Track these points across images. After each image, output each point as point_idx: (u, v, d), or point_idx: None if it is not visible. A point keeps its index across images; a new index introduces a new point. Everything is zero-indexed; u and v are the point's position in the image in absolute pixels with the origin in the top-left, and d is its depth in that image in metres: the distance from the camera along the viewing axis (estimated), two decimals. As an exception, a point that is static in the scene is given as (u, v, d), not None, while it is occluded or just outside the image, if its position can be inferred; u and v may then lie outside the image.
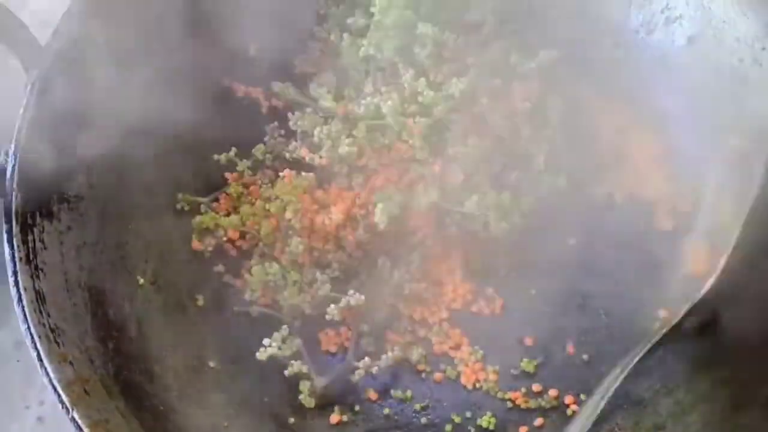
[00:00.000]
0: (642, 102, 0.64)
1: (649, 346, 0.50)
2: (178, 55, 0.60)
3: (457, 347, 0.59)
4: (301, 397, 0.57)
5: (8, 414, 0.65)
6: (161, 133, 0.58)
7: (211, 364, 0.57)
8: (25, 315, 0.47)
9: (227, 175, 0.64)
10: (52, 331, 0.48)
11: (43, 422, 0.65)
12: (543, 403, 0.57)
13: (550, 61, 0.61)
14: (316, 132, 0.61)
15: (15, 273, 0.48)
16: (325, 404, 0.57)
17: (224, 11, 0.64)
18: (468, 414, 0.57)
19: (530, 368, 0.58)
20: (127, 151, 0.59)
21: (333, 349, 0.60)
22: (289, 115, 0.64)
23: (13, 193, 0.51)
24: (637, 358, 0.50)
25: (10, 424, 0.64)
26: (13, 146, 0.52)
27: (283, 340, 0.57)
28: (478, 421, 0.56)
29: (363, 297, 0.57)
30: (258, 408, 0.56)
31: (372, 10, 0.60)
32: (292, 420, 0.56)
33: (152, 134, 0.58)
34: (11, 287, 0.48)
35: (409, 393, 0.58)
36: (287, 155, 0.64)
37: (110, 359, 0.51)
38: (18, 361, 0.67)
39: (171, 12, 0.61)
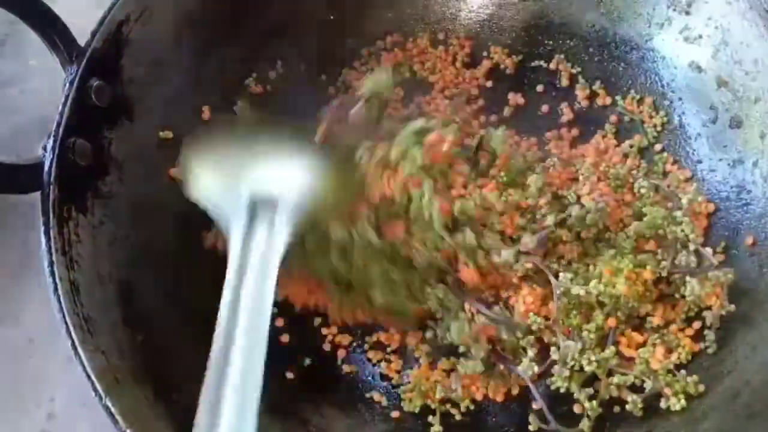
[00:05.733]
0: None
1: None
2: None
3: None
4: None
5: (19, 410, 0.65)
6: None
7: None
8: (60, 304, 0.48)
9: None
10: (86, 321, 0.49)
11: (54, 419, 0.65)
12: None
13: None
14: None
15: (51, 264, 0.50)
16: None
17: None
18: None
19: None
20: (157, 150, 0.61)
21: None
22: None
23: (51, 187, 0.52)
24: None
25: (20, 421, 0.65)
26: (51, 141, 0.53)
27: None
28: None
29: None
30: (282, 407, 0.57)
31: None
32: (314, 420, 0.57)
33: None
34: (47, 277, 0.49)
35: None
36: None
37: (139, 351, 0.52)
38: (30, 357, 0.67)
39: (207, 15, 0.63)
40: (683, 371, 0.55)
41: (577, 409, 0.55)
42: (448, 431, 0.56)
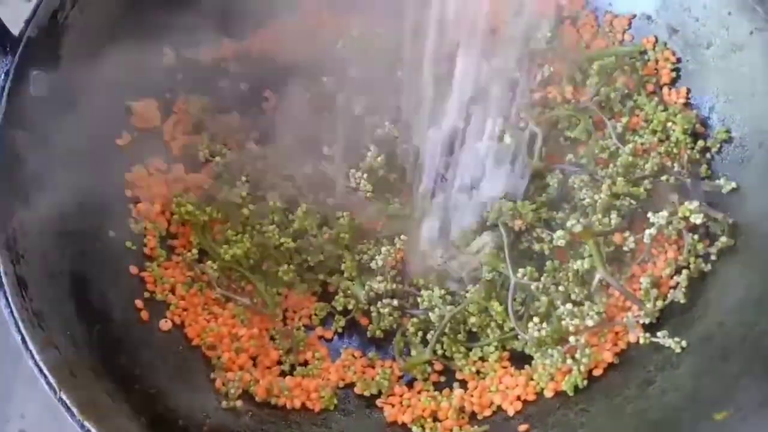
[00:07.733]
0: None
1: None
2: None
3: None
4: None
5: (-11, 428, 0.63)
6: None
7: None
8: (7, 299, 0.46)
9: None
10: (36, 315, 0.47)
11: (26, 435, 0.63)
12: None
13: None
14: None
15: (-6, 260, 0.48)
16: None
17: None
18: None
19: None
20: (103, 141, 0.60)
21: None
22: None
23: (-10, 181, 0.50)
24: None
25: (-9, 439, 0.63)
26: (-12, 134, 0.51)
27: None
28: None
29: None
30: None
31: None
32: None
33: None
34: (-10, 274, 0.47)
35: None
36: None
37: (96, 344, 0.50)
38: (-5, 376, 0.65)
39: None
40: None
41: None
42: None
